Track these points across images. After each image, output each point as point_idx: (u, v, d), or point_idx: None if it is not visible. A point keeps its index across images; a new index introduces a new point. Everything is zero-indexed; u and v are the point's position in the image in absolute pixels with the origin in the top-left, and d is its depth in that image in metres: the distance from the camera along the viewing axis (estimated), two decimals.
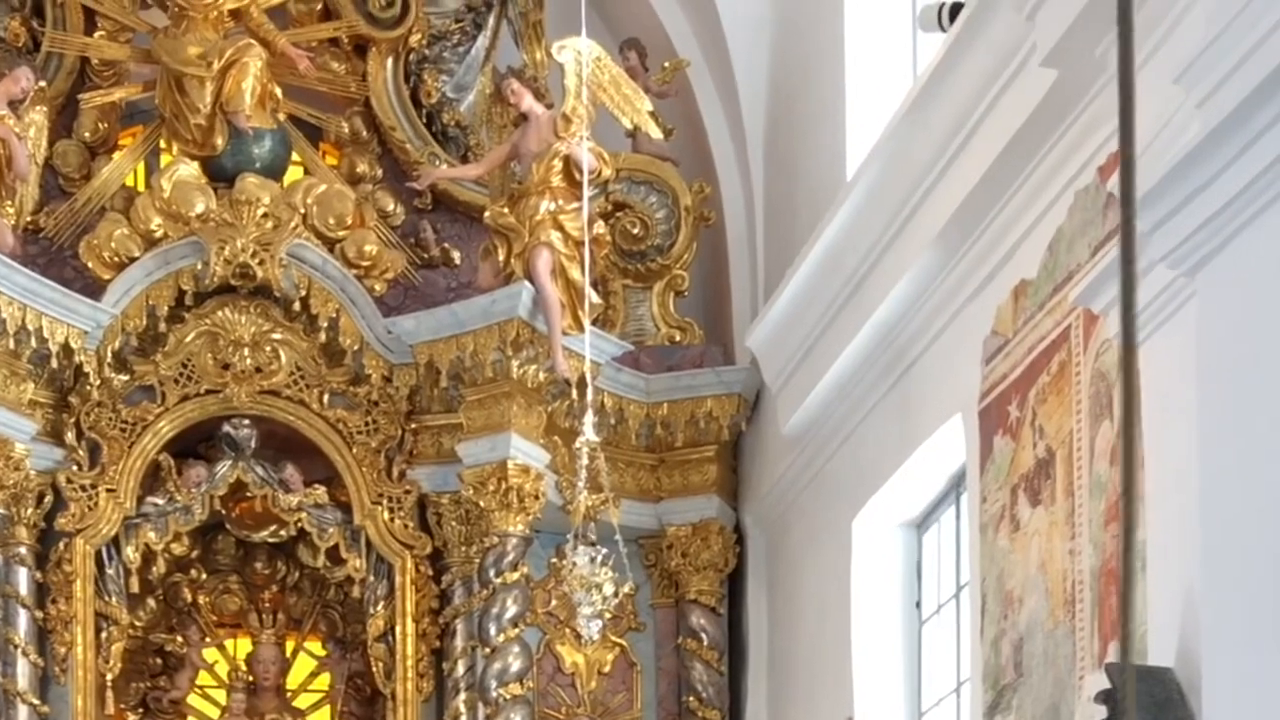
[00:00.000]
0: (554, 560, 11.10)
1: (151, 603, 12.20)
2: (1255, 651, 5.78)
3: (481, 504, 11.59)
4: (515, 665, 11.62)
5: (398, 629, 11.82)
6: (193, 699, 12.52)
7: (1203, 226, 6.26)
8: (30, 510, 11.65)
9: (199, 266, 11.77)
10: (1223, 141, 6.00)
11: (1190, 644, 6.54)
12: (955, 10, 9.77)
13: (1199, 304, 6.45)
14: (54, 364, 11.59)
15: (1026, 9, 7.89)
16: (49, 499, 11.72)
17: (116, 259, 11.84)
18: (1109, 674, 6.65)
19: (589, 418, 9.74)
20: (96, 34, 12.49)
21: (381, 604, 11.86)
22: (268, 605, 12.52)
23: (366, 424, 11.91)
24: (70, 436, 11.73)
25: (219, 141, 12.17)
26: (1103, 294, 7.28)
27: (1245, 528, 5.93)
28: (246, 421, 11.82)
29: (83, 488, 11.71)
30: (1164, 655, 6.76)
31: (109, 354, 11.74)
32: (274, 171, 12.28)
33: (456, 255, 12.46)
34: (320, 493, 11.87)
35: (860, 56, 10.85)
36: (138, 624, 12.08)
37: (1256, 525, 5.82)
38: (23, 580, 11.61)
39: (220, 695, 12.61)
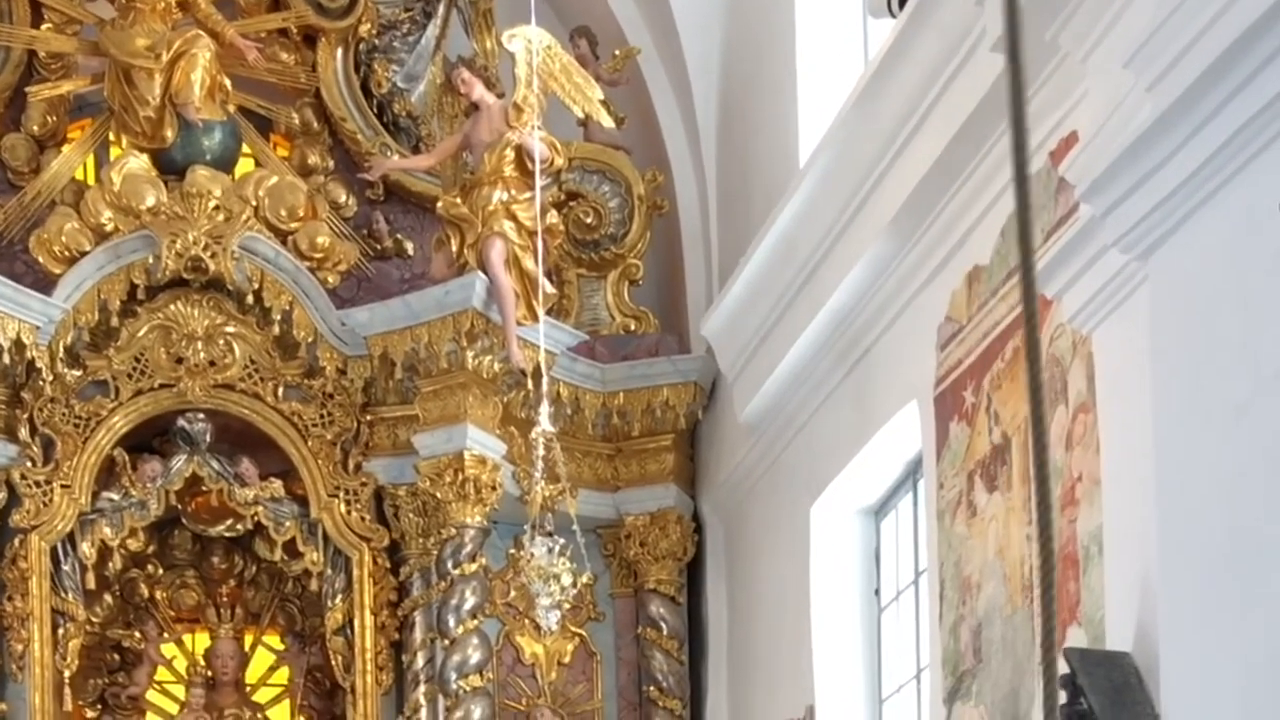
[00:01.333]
0: (512, 551, 11.08)
1: (108, 599, 12.15)
2: (1212, 636, 5.81)
3: (438, 495, 11.57)
4: (475, 657, 11.62)
5: (356, 622, 11.80)
6: (151, 695, 12.49)
7: (1154, 210, 6.27)
8: None
9: (150, 260, 11.72)
10: (1173, 125, 6.01)
11: (1148, 629, 6.55)
12: None
13: (1151, 288, 6.46)
14: (6, 359, 11.53)
15: None
16: (3, 495, 11.67)
17: (67, 253, 11.78)
18: (1068, 659, 6.66)
19: (544, 408, 9.74)
20: (44, 26, 12.43)
21: (339, 597, 11.84)
22: (225, 600, 12.49)
23: (322, 416, 11.88)
24: (24, 432, 11.67)
25: (168, 134, 12.12)
26: (1056, 279, 7.28)
27: (1201, 512, 5.95)
28: (201, 415, 11.78)
29: (37, 484, 11.65)
30: (1121, 640, 6.77)
31: (61, 349, 11.68)
32: (225, 164, 12.23)
33: (410, 246, 12.43)
34: (276, 486, 11.84)
35: (811, 43, 10.84)
36: (95, 620, 12.03)
37: (1212, 510, 5.84)
38: None
39: (179, 691, 12.58)
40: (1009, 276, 8.35)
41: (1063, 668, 6.69)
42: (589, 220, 12.43)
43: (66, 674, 11.72)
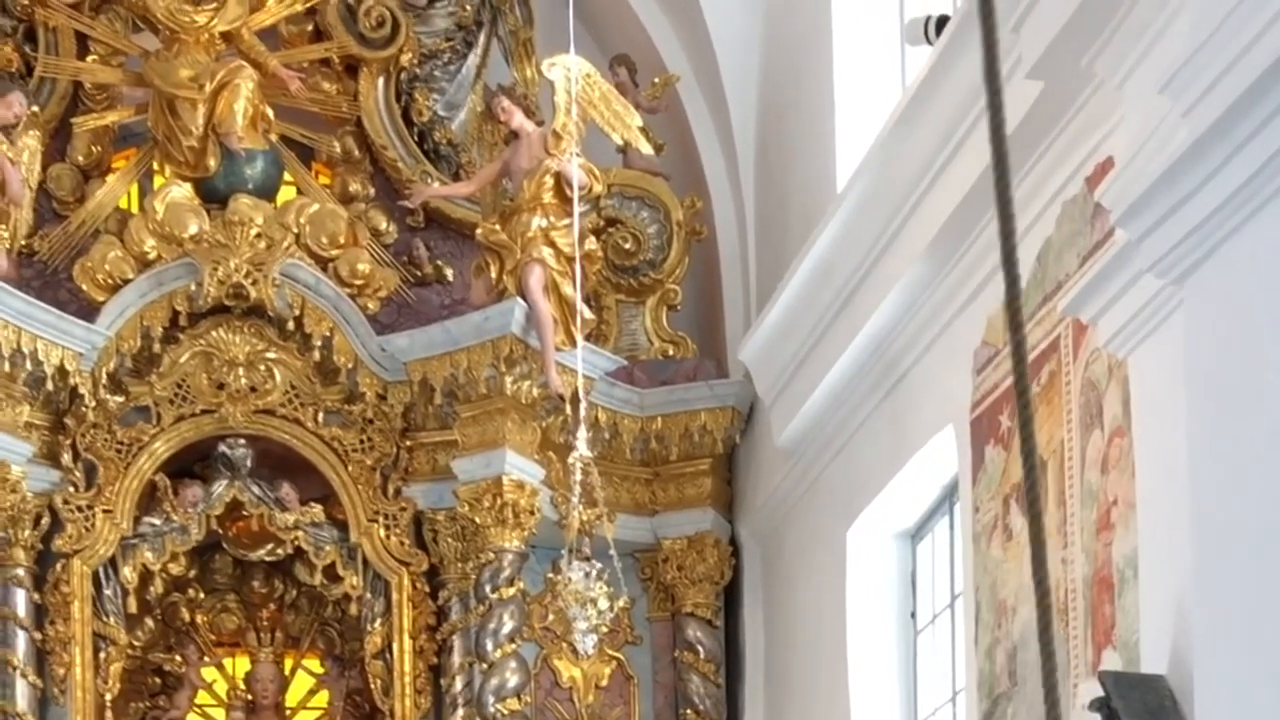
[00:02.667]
0: (550, 575, 11.11)
1: (149, 622, 12.19)
2: (1247, 658, 5.81)
3: (477, 520, 11.60)
4: (512, 680, 11.63)
5: (395, 646, 11.82)
6: (192, 718, 12.50)
7: (1190, 235, 6.27)
8: (27, 532, 11.66)
9: (193, 287, 11.79)
10: (1208, 149, 6.01)
11: (1183, 652, 6.55)
12: (941, 24, 9.82)
13: (1187, 312, 6.47)
14: (49, 386, 11.61)
15: (1012, 21, 7.89)
16: (46, 520, 11.73)
17: (110, 281, 11.86)
18: (1102, 682, 6.67)
19: (582, 432, 9.77)
20: (89, 58, 12.51)
21: (379, 621, 11.87)
22: (266, 624, 12.52)
23: (362, 442, 11.93)
24: (66, 458, 11.75)
25: (211, 163, 12.19)
26: (1091, 303, 7.30)
27: (1236, 534, 5.94)
28: (242, 441, 11.84)
29: (79, 509, 11.73)
30: (1156, 663, 6.77)
31: (104, 375, 11.75)
32: (267, 192, 12.30)
33: (450, 272, 12.48)
34: (316, 511, 11.89)
35: (849, 70, 10.87)
36: (136, 644, 12.07)
37: (1247, 532, 5.84)
38: (20, 602, 11.62)
39: (219, 714, 12.61)
40: (1045, 300, 8.36)
41: (1097, 691, 6.70)
42: (628, 246, 12.48)
43: (108, 698, 11.76)
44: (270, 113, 12.32)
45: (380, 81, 12.70)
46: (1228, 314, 6.11)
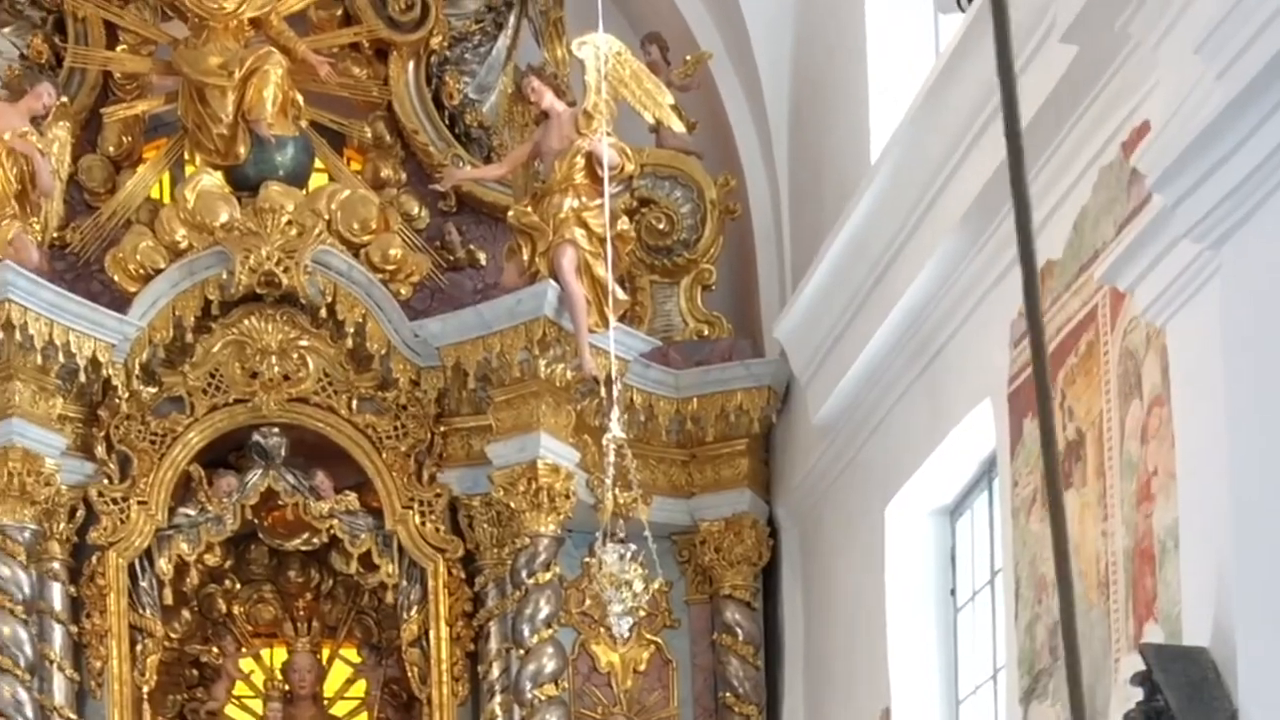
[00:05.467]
0: (586, 559, 11.03)
1: (186, 614, 12.16)
2: None
3: (512, 505, 11.52)
4: (550, 666, 11.55)
5: (432, 633, 11.75)
6: (230, 709, 12.50)
7: (1226, 199, 6.19)
8: (62, 525, 11.65)
9: (224, 276, 11.75)
10: (1243, 112, 5.94)
11: (1225, 624, 6.44)
12: None
13: (1224, 277, 6.37)
14: (82, 378, 11.59)
15: None
16: (81, 513, 11.71)
17: (142, 271, 11.83)
18: (1144, 655, 6.56)
19: (615, 414, 9.68)
20: (119, 48, 12.51)
21: (415, 608, 11.80)
22: (302, 613, 12.49)
23: (395, 428, 11.86)
24: (100, 450, 11.72)
25: (242, 150, 12.16)
26: (1129, 271, 7.18)
27: (1276, 504, 5.85)
28: (276, 429, 11.79)
29: (114, 501, 11.69)
30: (1199, 635, 6.66)
31: (137, 366, 11.72)
32: (297, 178, 12.27)
33: (482, 256, 12.41)
34: (351, 499, 11.83)
35: (881, 41, 10.78)
36: (173, 636, 12.05)
37: None
38: (56, 595, 11.61)
39: (257, 705, 12.59)
40: (1081, 271, 8.24)
41: (1139, 664, 6.60)
42: (661, 226, 12.38)
43: (145, 690, 11.74)
44: (300, 99, 12.29)
45: (410, 65, 12.66)
46: (1266, 278, 6.03)
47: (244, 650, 12.51)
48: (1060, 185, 8.42)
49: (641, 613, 9.99)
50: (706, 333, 12.39)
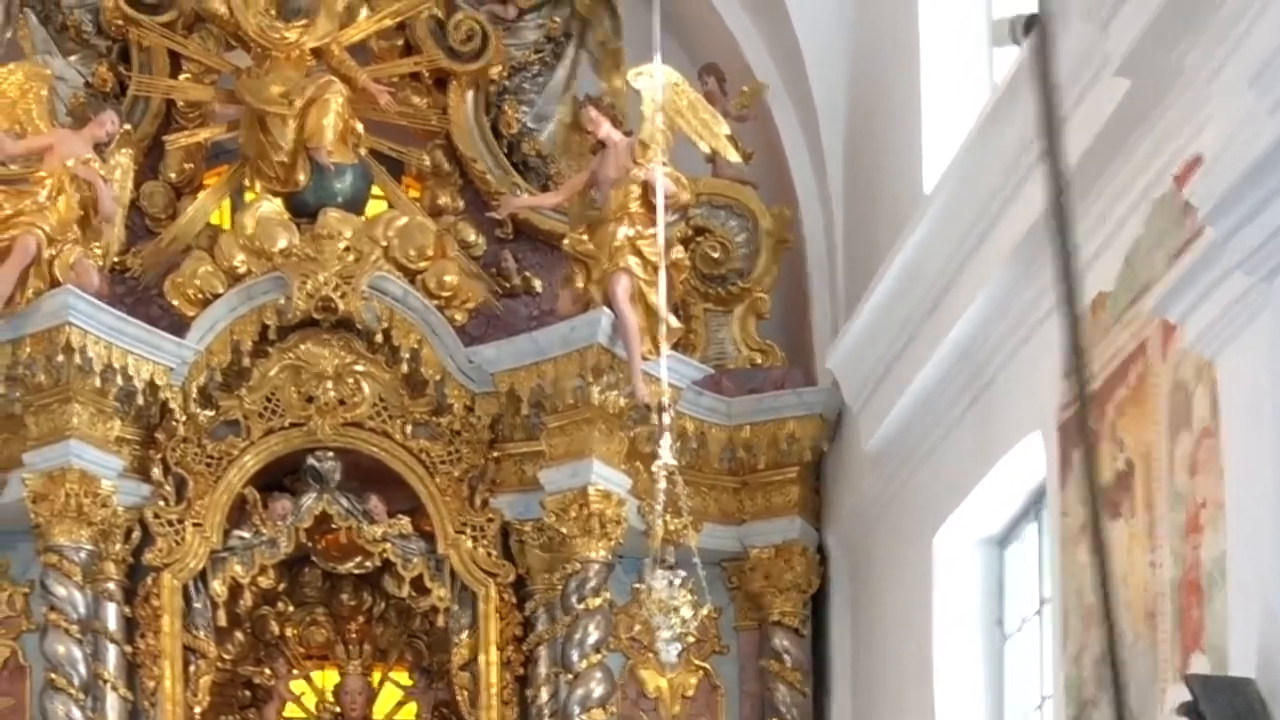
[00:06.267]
0: (635, 585, 11.06)
1: (239, 635, 12.23)
2: None
3: (564, 530, 11.56)
4: (598, 691, 11.58)
5: (482, 657, 11.77)
6: None
7: (1277, 232, 6.18)
8: (118, 546, 11.72)
9: (282, 301, 11.84)
10: None
11: (1272, 655, 6.44)
12: (1029, 24, 9.69)
13: (1275, 311, 6.37)
14: (140, 401, 11.67)
15: (1099, 19, 7.81)
16: (136, 534, 11.78)
17: (201, 296, 11.93)
18: (1190, 686, 6.56)
19: (665, 440, 9.72)
20: (182, 76, 12.62)
21: (466, 633, 11.83)
22: (354, 636, 12.53)
23: (449, 454, 11.91)
24: (157, 472, 11.79)
25: (301, 178, 12.26)
26: (1179, 303, 7.20)
27: None
28: (331, 454, 11.86)
29: (170, 523, 11.77)
30: (1245, 666, 6.66)
31: (194, 390, 11.81)
32: (355, 205, 12.36)
33: (538, 283, 12.48)
34: (404, 523, 11.88)
35: (936, 72, 10.80)
36: (225, 657, 12.10)
37: None
38: (111, 615, 11.68)
39: None
40: (1133, 302, 8.25)
41: (1185, 694, 6.59)
42: (716, 255, 12.43)
43: (198, 710, 11.78)
44: (360, 127, 12.37)
45: (469, 94, 12.74)
46: None
47: (296, 672, 12.57)
48: (1113, 217, 8.43)
49: (690, 639, 10.00)
50: (759, 361, 12.42)
